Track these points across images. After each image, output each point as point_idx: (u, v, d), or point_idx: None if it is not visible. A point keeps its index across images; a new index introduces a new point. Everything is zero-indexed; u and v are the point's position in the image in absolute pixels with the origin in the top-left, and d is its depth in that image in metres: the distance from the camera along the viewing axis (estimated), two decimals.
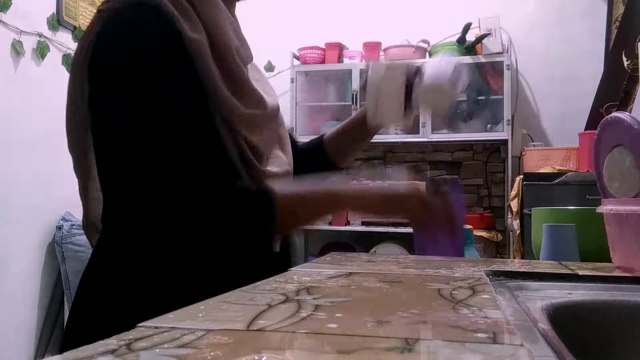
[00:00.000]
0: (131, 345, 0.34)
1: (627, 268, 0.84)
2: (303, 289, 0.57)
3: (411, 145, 3.45)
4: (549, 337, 0.43)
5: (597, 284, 0.74)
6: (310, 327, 0.41)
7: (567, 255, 1.13)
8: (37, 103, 2.27)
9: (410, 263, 0.84)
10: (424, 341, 0.38)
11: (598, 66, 3.08)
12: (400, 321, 0.44)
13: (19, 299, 2.19)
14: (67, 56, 2.43)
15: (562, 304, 0.64)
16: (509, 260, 1.07)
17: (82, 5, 2.52)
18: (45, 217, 2.30)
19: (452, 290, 0.58)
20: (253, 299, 0.50)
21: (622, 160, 0.87)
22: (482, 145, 3.40)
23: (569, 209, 1.44)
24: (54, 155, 2.37)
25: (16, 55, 2.16)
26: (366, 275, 0.68)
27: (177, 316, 0.43)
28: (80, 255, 2.27)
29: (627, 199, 0.85)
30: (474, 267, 0.78)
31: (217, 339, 0.37)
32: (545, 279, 0.75)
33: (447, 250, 0.93)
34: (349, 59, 3.36)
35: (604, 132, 0.93)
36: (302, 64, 3.44)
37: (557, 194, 2.51)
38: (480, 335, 0.40)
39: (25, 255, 2.21)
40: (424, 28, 3.34)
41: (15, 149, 2.16)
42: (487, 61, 3.09)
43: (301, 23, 3.64)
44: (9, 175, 2.13)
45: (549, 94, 3.34)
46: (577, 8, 3.32)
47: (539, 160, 2.86)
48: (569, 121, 3.21)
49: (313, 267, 0.76)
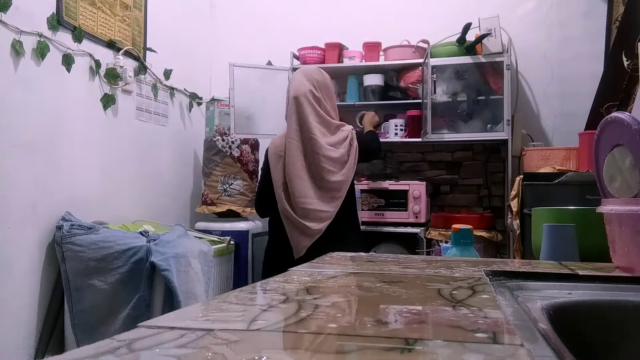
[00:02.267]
0: (131, 345, 0.34)
1: (627, 268, 0.84)
2: (303, 289, 0.57)
3: (411, 145, 3.45)
4: (549, 337, 0.43)
5: (597, 284, 0.74)
6: (310, 327, 0.41)
7: (567, 255, 1.13)
8: (37, 103, 2.27)
9: (410, 263, 0.84)
10: (424, 341, 0.38)
11: (598, 66, 3.07)
12: (400, 321, 0.44)
13: (19, 299, 2.19)
14: (67, 56, 2.43)
15: (562, 304, 0.64)
16: (509, 260, 1.07)
17: (82, 5, 2.52)
18: (45, 217, 2.30)
19: (452, 290, 0.58)
20: (253, 299, 0.50)
21: (622, 160, 0.87)
22: (482, 145, 3.40)
23: (569, 209, 1.44)
24: (54, 155, 2.37)
25: (16, 55, 2.16)
26: (366, 275, 0.68)
27: (177, 316, 0.43)
28: (80, 255, 2.27)
29: (627, 199, 0.85)
30: (474, 267, 0.78)
31: (217, 339, 0.37)
32: (545, 279, 0.75)
33: None
34: (349, 59, 3.36)
35: (603, 132, 0.93)
36: (302, 64, 3.44)
37: (557, 194, 2.51)
38: (480, 335, 0.39)
39: (25, 255, 2.21)
40: (424, 28, 3.34)
41: (15, 149, 2.16)
42: (487, 61, 3.09)
43: (301, 23, 3.64)
44: (9, 175, 2.13)
45: (549, 94, 3.34)
46: (577, 8, 3.32)
47: (539, 160, 2.86)
48: (569, 121, 3.21)
49: (313, 267, 0.76)
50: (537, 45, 3.33)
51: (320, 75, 2.45)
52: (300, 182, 2.32)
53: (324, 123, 2.37)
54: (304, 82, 2.39)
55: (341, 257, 0.91)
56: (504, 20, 3.15)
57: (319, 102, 2.37)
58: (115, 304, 2.27)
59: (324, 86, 2.42)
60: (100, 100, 2.67)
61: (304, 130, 2.34)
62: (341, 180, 2.35)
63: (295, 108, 2.36)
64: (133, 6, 2.93)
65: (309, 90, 2.36)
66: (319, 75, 2.44)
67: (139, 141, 2.98)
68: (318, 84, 2.40)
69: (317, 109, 2.36)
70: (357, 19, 3.57)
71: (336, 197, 2.35)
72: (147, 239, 2.36)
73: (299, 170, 2.32)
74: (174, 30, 3.33)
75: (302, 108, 2.34)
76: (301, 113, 2.34)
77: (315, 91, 2.37)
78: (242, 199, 3.26)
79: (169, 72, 3.23)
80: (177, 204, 3.39)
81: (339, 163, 2.36)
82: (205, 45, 3.76)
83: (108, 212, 2.67)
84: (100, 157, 2.67)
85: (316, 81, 2.40)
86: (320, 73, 2.46)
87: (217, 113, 3.34)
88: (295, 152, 2.34)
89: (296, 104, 2.36)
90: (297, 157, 2.34)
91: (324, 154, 2.32)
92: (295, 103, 2.36)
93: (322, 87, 2.41)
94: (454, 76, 3.18)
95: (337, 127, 2.42)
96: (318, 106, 2.36)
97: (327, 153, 2.33)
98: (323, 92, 2.41)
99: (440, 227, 2.98)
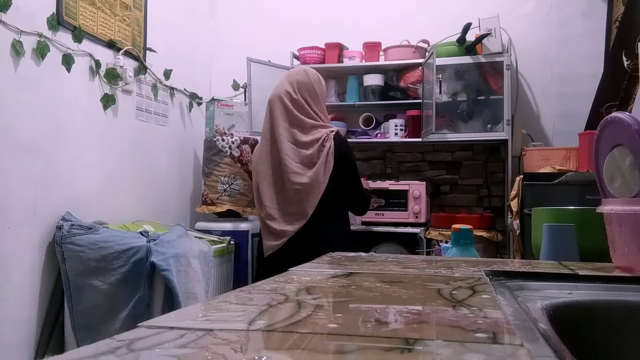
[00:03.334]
0: (131, 345, 0.34)
1: (627, 268, 0.84)
2: (303, 289, 0.57)
3: (411, 145, 3.45)
4: (549, 337, 0.43)
5: (597, 284, 0.74)
6: (310, 327, 0.41)
7: (567, 255, 1.13)
8: (37, 103, 2.27)
9: (410, 263, 0.84)
10: (424, 341, 0.38)
11: (598, 66, 3.08)
12: (400, 321, 0.44)
13: (19, 299, 2.19)
14: (67, 56, 2.43)
15: (562, 304, 0.64)
16: (509, 260, 1.07)
17: (82, 5, 2.52)
18: (45, 217, 2.30)
19: (452, 290, 0.58)
20: (253, 299, 0.50)
21: (622, 160, 0.87)
22: (482, 145, 3.40)
23: (569, 209, 1.44)
24: (54, 155, 2.37)
25: (16, 55, 2.16)
26: (366, 275, 0.68)
27: (177, 316, 0.43)
28: (80, 255, 2.27)
29: (627, 199, 0.85)
30: (474, 267, 0.78)
31: (217, 339, 0.37)
32: (545, 279, 0.75)
33: None
34: (349, 59, 3.36)
35: (603, 132, 0.93)
36: (302, 64, 3.44)
37: (557, 194, 2.51)
38: (480, 335, 0.39)
39: (25, 255, 2.21)
40: (424, 28, 3.34)
41: (15, 149, 2.16)
42: (487, 61, 3.09)
43: (301, 23, 3.64)
44: (9, 175, 2.13)
45: (549, 94, 3.34)
46: (577, 8, 3.32)
47: (539, 160, 2.86)
48: (569, 121, 3.21)
49: (313, 267, 0.76)
50: (537, 45, 3.33)
51: (304, 76, 2.39)
52: (265, 186, 2.31)
53: (295, 124, 2.31)
54: (283, 84, 2.38)
55: (341, 257, 0.91)
56: (504, 20, 3.15)
57: (296, 103, 2.32)
58: (115, 304, 2.27)
59: (305, 87, 2.36)
60: (100, 100, 2.67)
61: (273, 132, 2.32)
62: (306, 182, 2.25)
63: (267, 110, 2.37)
64: (133, 6, 2.93)
65: (285, 92, 2.33)
66: (302, 76, 2.39)
67: (139, 141, 2.97)
68: (299, 85, 2.35)
69: (291, 109, 2.31)
70: (357, 19, 3.57)
71: (305, 200, 2.26)
72: (147, 239, 2.36)
73: (265, 173, 2.31)
74: (174, 30, 3.33)
75: (274, 109, 2.33)
76: (272, 115, 2.33)
77: (293, 93, 2.33)
78: (242, 199, 3.26)
79: (169, 72, 3.23)
80: (177, 204, 3.39)
81: (306, 164, 2.28)
82: (205, 45, 3.76)
83: (108, 212, 2.67)
84: (100, 157, 2.67)
85: (297, 82, 2.36)
86: (304, 74, 2.40)
87: (217, 113, 3.34)
88: (263, 154, 2.33)
89: (269, 106, 2.36)
90: (264, 160, 2.33)
91: (289, 155, 2.27)
92: (268, 105, 2.37)
93: (304, 88, 2.35)
94: (454, 76, 3.18)
95: (312, 127, 2.33)
96: (293, 107, 2.32)
97: (291, 154, 2.28)
98: (304, 93, 2.35)
99: (440, 227, 2.98)
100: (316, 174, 2.26)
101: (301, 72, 2.43)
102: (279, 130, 2.30)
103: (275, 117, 2.32)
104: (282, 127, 2.31)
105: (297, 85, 2.36)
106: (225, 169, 3.22)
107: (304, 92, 2.35)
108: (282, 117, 2.32)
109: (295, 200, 2.28)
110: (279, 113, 2.33)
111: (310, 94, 2.37)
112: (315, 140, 2.30)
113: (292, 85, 2.36)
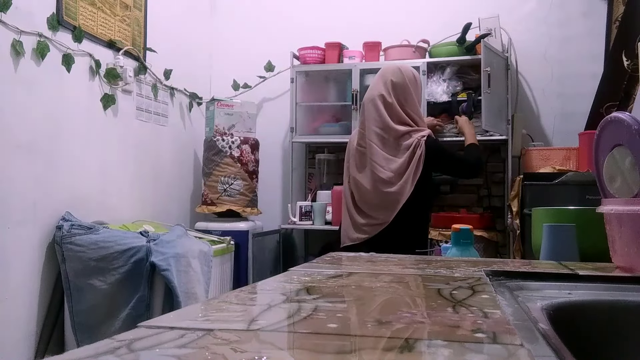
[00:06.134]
0: (131, 345, 0.34)
1: (627, 268, 0.84)
2: (303, 289, 0.57)
3: None
4: (549, 337, 0.43)
5: (597, 284, 0.74)
6: (310, 327, 0.41)
7: (567, 255, 1.13)
8: (37, 103, 2.27)
9: (410, 263, 0.84)
10: (424, 341, 0.38)
11: (598, 66, 3.08)
12: (400, 321, 0.44)
13: (19, 299, 2.19)
14: (67, 56, 2.43)
15: (562, 304, 0.64)
16: (509, 260, 1.07)
17: (82, 5, 2.52)
18: (45, 217, 2.30)
19: (452, 290, 0.58)
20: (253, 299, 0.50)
21: (622, 160, 0.87)
22: (482, 145, 3.39)
23: (569, 209, 1.44)
24: (54, 155, 2.37)
25: (16, 55, 2.16)
26: (366, 275, 0.68)
27: (177, 316, 0.43)
28: (80, 256, 2.27)
29: (627, 199, 0.85)
30: (474, 267, 0.78)
31: (217, 339, 0.37)
32: (545, 279, 0.75)
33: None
34: (349, 59, 3.36)
35: (603, 132, 0.93)
36: (302, 64, 3.44)
37: (557, 194, 2.51)
38: (480, 335, 0.40)
39: (25, 255, 2.21)
40: (424, 28, 3.34)
41: (15, 149, 2.16)
42: (487, 61, 3.08)
43: (301, 23, 3.64)
44: (9, 175, 2.13)
45: (549, 94, 3.34)
46: (577, 8, 3.32)
47: (539, 160, 2.86)
48: (569, 121, 3.21)
49: (313, 267, 0.76)
50: (537, 45, 3.33)
51: (399, 76, 2.29)
52: (361, 187, 2.30)
53: (387, 131, 2.25)
54: (377, 85, 2.31)
55: (341, 257, 0.91)
56: (504, 20, 3.15)
57: (390, 107, 2.25)
58: (115, 304, 2.27)
59: (400, 88, 2.27)
60: (100, 100, 2.67)
61: (364, 137, 2.29)
62: (395, 191, 2.22)
63: (361, 112, 2.34)
64: (133, 6, 2.93)
65: (379, 95, 2.26)
66: (396, 75, 2.29)
67: (138, 141, 2.98)
68: (393, 85, 2.27)
69: (384, 117, 2.25)
70: (357, 19, 3.57)
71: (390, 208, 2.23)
72: (147, 239, 2.36)
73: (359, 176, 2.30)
74: (174, 30, 3.33)
75: (367, 113, 2.28)
76: (365, 118, 2.29)
77: (388, 96, 2.26)
78: (242, 199, 3.26)
79: (169, 72, 3.23)
80: (177, 204, 3.39)
81: (395, 172, 2.23)
82: (205, 45, 3.76)
83: (108, 212, 2.67)
84: (100, 157, 2.67)
85: (391, 83, 2.27)
86: (398, 73, 2.30)
87: (217, 113, 3.34)
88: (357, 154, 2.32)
89: (363, 108, 2.32)
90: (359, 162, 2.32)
91: (379, 162, 2.24)
92: (362, 108, 2.33)
93: (399, 89, 2.27)
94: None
95: (404, 133, 2.26)
96: (386, 111, 2.25)
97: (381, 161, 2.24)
98: (399, 94, 2.27)
99: (440, 227, 2.98)
100: (405, 182, 2.23)
101: (396, 71, 2.32)
102: (371, 137, 2.25)
103: (368, 122, 2.27)
104: (373, 134, 2.25)
105: (392, 86, 2.27)
106: (225, 169, 3.22)
107: (398, 93, 2.27)
108: (375, 122, 2.26)
109: (381, 206, 2.24)
110: (371, 118, 2.26)
111: (405, 95, 2.28)
112: (407, 147, 2.24)
113: (386, 86, 2.27)
